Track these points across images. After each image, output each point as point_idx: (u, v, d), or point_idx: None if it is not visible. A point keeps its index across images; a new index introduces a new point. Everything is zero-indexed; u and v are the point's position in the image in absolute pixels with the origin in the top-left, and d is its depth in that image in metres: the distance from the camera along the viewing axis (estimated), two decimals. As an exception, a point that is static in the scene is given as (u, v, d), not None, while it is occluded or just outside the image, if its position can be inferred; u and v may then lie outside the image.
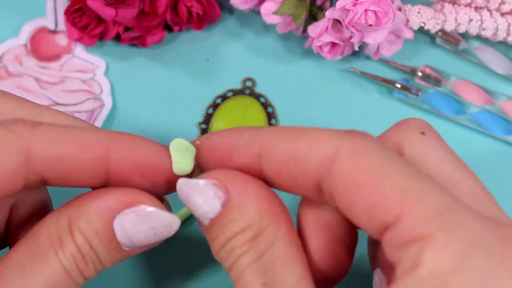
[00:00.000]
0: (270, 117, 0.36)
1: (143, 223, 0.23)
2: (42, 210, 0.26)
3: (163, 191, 0.25)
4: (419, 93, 0.37)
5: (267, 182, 0.23)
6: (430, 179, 0.20)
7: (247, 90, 0.37)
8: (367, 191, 0.20)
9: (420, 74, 0.38)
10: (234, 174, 0.22)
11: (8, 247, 0.26)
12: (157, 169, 0.24)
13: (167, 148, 0.25)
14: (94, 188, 0.24)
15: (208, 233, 0.23)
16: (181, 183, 0.23)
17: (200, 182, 0.22)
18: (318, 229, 0.23)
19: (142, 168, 0.24)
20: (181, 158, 0.24)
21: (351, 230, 0.23)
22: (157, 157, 0.24)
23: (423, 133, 0.23)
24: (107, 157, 0.23)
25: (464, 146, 0.36)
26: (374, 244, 0.24)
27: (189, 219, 0.32)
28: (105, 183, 0.24)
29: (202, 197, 0.22)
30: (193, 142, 0.25)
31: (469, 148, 0.36)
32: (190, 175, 0.24)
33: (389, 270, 0.22)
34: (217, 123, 0.36)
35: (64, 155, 0.22)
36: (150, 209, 0.23)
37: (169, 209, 0.26)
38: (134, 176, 0.24)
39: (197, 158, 0.24)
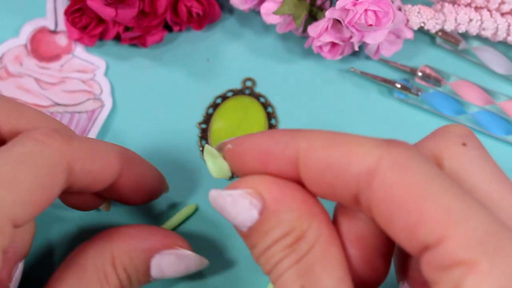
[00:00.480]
0: (270, 117, 0.36)
1: (180, 264, 0.26)
2: None
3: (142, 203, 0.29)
4: (419, 93, 0.37)
5: (304, 187, 0.22)
6: (474, 199, 0.19)
7: (247, 90, 0.37)
8: (408, 209, 0.19)
9: (420, 74, 0.38)
10: (268, 180, 0.22)
11: None
12: (152, 189, 0.29)
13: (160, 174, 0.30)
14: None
15: (247, 239, 0.22)
16: (214, 195, 0.22)
17: (234, 193, 0.22)
18: (354, 238, 0.22)
19: (140, 187, 0.28)
20: (213, 164, 0.24)
21: (387, 240, 0.23)
22: (155, 180, 0.29)
23: (464, 144, 0.23)
24: (120, 173, 0.26)
25: (464, 146, 0.36)
26: (404, 256, 0.23)
27: (179, 226, 0.33)
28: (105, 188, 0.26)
29: (237, 208, 0.22)
30: (223, 145, 0.24)
31: (469, 148, 0.36)
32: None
33: (418, 285, 0.21)
34: (217, 123, 0.36)
35: (93, 170, 0.24)
36: (188, 252, 0.27)
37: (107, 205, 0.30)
38: (132, 190, 0.27)
39: (229, 163, 0.24)
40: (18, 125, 0.25)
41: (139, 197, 0.28)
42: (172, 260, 0.26)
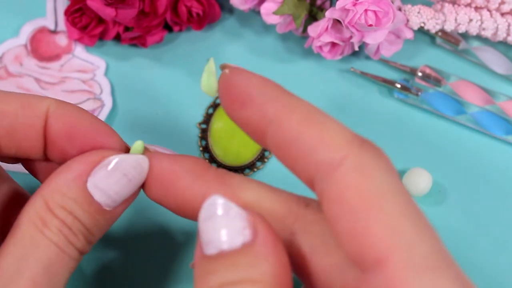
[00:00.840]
0: (270, 117, 0.36)
1: (114, 173, 0.23)
2: (16, 201, 0.27)
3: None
4: (419, 93, 0.37)
5: (266, 145, 0.22)
6: (426, 223, 0.18)
7: (247, 90, 0.37)
8: (357, 216, 0.18)
9: (420, 74, 0.38)
10: (266, 222, 0.21)
11: None
12: (89, 135, 0.24)
13: (101, 122, 0.25)
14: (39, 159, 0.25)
15: (207, 262, 0.20)
16: (216, 200, 0.21)
17: (234, 207, 0.20)
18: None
19: (77, 132, 0.24)
20: (207, 79, 0.24)
21: None
22: (92, 124, 0.25)
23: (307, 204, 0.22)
24: (46, 115, 0.24)
25: (464, 146, 0.36)
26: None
27: None
28: (44, 148, 0.24)
29: (230, 223, 0.20)
30: (224, 67, 0.23)
31: (469, 148, 0.36)
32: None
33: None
34: (217, 123, 0.36)
35: (8, 110, 0.23)
36: (115, 158, 0.23)
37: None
38: (68, 139, 0.24)
39: (218, 85, 0.23)
40: None
41: (76, 148, 0.25)
42: (106, 174, 0.23)
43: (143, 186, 0.24)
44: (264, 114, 0.21)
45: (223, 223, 0.20)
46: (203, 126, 0.36)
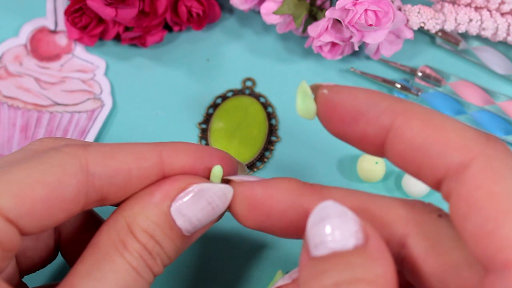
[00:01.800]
0: (270, 117, 0.36)
1: (200, 201, 0.23)
2: (89, 219, 0.27)
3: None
4: (419, 93, 0.37)
5: (384, 154, 0.22)
6: None
7: (247, 90, 0.37)
8: (486, 217, 0.18)
9: (420, 74, 0.38)
10: (376, 229, 0.21)
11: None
12: (202, 167, 0.25)
13: (210, 149, 0.25)
14: None
15: (317, 263, 0.20)
16: (329, 204, 0.21)
17: (347, 211, 0.21)
18: None
19: (193, 169, 0.24)
20: (302, 102, 0.23)
21: None
22: (203, 157, 0.25)
23: (440, 215, 0.22)
24: (161, 163, 0.24)
25: (464, 146, 0.36)
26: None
27: None
28: None
29: (344, 226, 0.20)
30: (319, 88, 0.23)
31: (469, 148, 0.36)
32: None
33: None
34: (217, 123, 0.36)
35: (121, 167, 0.23)
36: (203, 185, 0.23)
37: (243, 170, 0.27)
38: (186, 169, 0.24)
39: (318, 107, 0.23)
40: None
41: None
42: (191, 201, 0.23)
43: (237, 216, 0.24)
44: (380, 126, 0.21)
45: (336, 225, 0.20)
46: (203, 126, 0.36)
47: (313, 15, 0.36)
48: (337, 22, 0.34)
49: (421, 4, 0.36)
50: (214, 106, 0.37)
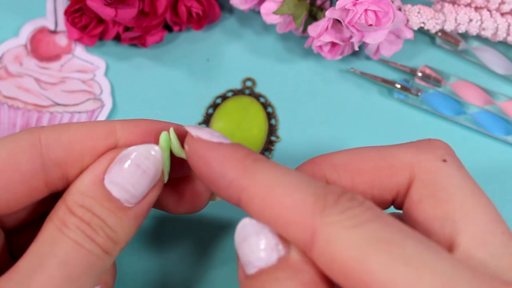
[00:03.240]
0: (270, 117, 0.36)
1: (128, 166, 0.23)
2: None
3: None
4: (419, 94, 0.37)
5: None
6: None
7: (247, 90, 0.37)
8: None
9: (420, 74, 0.38)
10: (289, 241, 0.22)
11: None
12: (154, 139, 0.25)
13: (163, 122, 0.26)
14: None
15: (250, 282, 0.21)
16: (246, 222, 0.22)
17: (263, 227, 0.21)
18: None
19: (147, 135, 0.25)
20: (175, 147, 0.25)
21: None
22: (154, 129, 0.25)
23: (445, 160, 0.23)
24: (114, 134, 0.24)
25: (464, 146, 0.36)
26: None
27: None
28: None
29: (264, 242, 0.21)
30: (186, 138, 0.24)
31: (469, 148, 0.36)
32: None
33: None
34: (217, 123, 0.36)
35: (74, 139, 0.23)
36: (125, 151, 0.24)
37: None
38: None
39: (187, 156, 0.24)
40: None
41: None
42: (119, 167, 0.23)
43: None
44: (231, 196, 0.22)
45: (256, 243, 0.21)
46: (203, 126, 0.36)
47: (313, 15, 0.36)
48: (337, 22, 0.34)
49: (421, 4, 0.36)
50: (214, 106, 0.37)
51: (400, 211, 0.25)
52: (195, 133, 0.23)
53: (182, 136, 0.24)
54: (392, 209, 0.25)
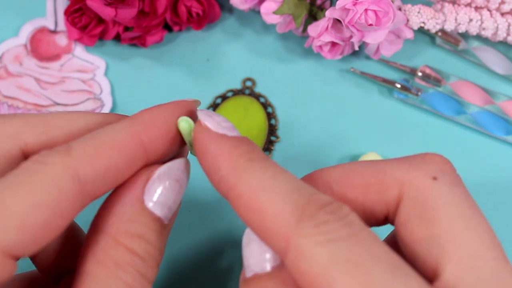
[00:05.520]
0: (270, 117, 0.36)
1: (168, 182, 0.23)
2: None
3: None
4: (419, 93, 0.37)
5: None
6: None
7: (247, 90, 0.37)
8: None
9: (420, 74, 0.38)
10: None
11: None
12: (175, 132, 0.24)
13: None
14: None
15: (245, 284, 0.22)
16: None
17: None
18: None
19: (172, 137, 0.24)
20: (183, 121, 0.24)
21: None
22: (177, 114, 0.24)
23: (435, 178, 0.22)
24: (142, 143, 0.23)
25: (464, 146, 0.36)
26: None
27: None
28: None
29: (263, 248, 0.21)
30: (193, 130, 0.23)
31: (469, 148, 0.36)
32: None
33: None
34: (217, 123, 0.36)
35: (109, 165, 0.22)
36: (162, 169, 0.23)
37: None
38: (167, 144, 0.24)
39: (194, 147, 0.23)
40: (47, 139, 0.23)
41: (178, 144, 0.25)
42: (158, 185, 0.23)
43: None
44: (221, 192, 0.22)
45: (256, 248, 0.21)
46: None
47: (313, 15, 0.36)
48: (337, 22, 0.34)
49: (421, 4, 0.36)
50: (214, 106, 0.37)
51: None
52: (203, 121, 0.23)
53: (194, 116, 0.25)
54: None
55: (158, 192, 0.23)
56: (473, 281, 0.19)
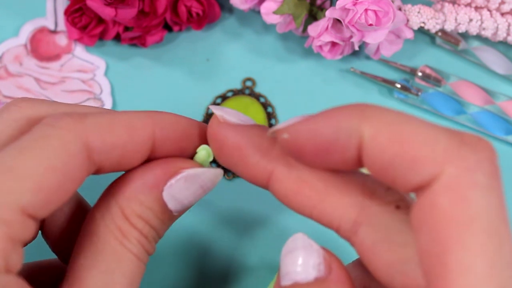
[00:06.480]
0: (270, 117, 0.36)
1: (193, 185, 0.24)
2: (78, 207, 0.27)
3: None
4: (419, 93, 0.37)
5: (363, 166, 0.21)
6: (504, 263, 0.17)
7: (247, 90, 0.37)
8: (435, 241, 0.18)
9: (420, 74, 0.38)
10: (341, 263, 0.22)
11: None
12: (193, 139, 0.25)
13: (201, 127, 0.26)
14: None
15: None
16: (298, 236, 0.22)
17: (314, 245, 0.21)
18: None
19: (182, 141, 0.25)
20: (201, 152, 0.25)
21: None
22: (193, 130, 0.25)
23: (398, 206, 0.21)
24: (153, 137, 0.24)
25: (464, 146, 0.36)
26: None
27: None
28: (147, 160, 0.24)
29: (308, 258, 0.21)
30: (277, 133, 0.22)
31: (469, 148, 0.36)
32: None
33: None
34: (217, 123, 0.36)
35: (118, 141, 0.22)
36: (196, 171, 0.24)
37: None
38: (175, 148, 0.24)
39: (284, 152, 0.23)
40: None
41: (185, 150, 0.25)
42: (183, 185, 0.23)
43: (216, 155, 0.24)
44: (351, 149, 0.20)
45: (300, 257, 0.21)
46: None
47: (313, 15, 0.36)
48: (337, 21, 0.34)
49: (421, 4, 0.36)
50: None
51: None
52: (227, 118, 0.24)
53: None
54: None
55: (179, 190, 0.23)
56: None
